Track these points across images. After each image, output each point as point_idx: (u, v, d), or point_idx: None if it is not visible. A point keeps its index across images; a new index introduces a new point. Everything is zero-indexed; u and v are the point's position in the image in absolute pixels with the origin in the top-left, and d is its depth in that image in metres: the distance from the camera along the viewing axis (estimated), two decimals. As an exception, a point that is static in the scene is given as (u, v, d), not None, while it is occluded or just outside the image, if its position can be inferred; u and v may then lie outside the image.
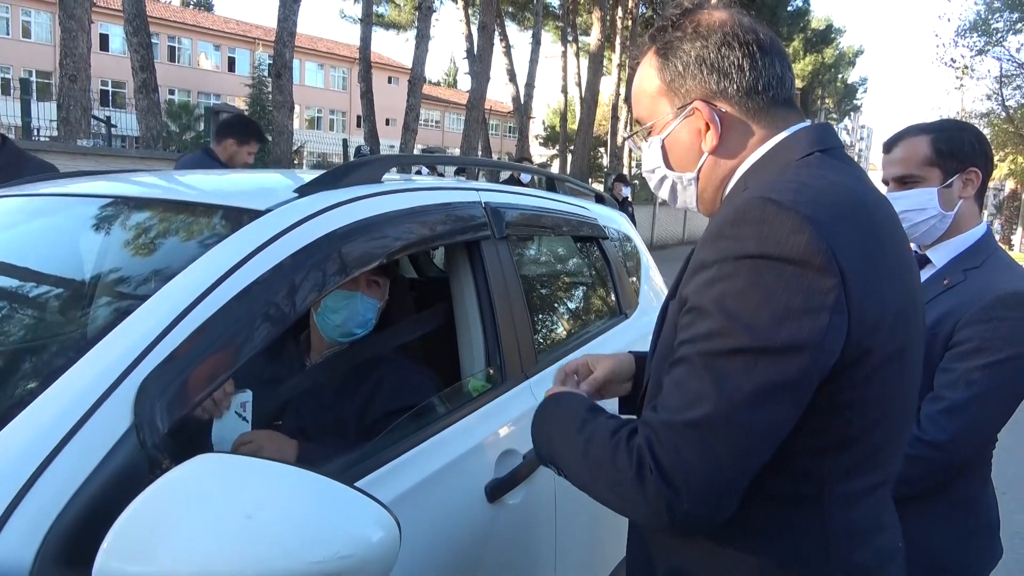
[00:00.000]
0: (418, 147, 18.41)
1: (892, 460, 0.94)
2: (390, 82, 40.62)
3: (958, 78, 24.25)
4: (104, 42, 32.23)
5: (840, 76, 49.58)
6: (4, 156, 2.89)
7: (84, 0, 9.66)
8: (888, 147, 1.58)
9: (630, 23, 24.98)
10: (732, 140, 0.95)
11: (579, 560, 1.83)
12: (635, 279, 2.70)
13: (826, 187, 0.86)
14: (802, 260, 0.78)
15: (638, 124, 1.04)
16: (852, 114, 61.06)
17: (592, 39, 22.77)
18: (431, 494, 1.32)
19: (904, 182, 1.53)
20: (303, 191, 1.36)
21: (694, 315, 0.83)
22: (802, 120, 0.96)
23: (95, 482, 0.86)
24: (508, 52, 23.73)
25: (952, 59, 23.32)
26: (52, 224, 1.57)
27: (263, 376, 1.49)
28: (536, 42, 22.07)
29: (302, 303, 1.19)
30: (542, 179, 2.70)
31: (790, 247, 0.78)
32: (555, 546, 1.68)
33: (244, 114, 6.18)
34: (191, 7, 43.29)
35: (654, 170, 1.03)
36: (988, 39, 22.67)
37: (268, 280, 1.14)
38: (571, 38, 26.99)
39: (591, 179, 25.21)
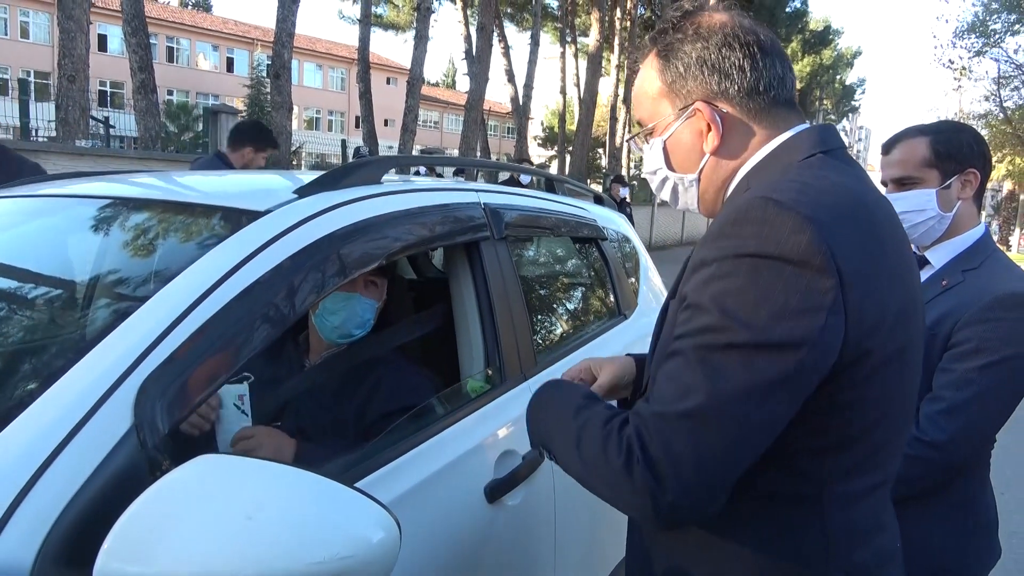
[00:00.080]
0: (417, 148, 18.40)
1: (892, 460, 0.94)
2: (389, 83, 40.64)
3: (956, 79, 24.30)
4: (102, 42, 32.23)
5: (838, 77, 49.62)
6: None
7: (83, 1, 9.66)
8: (886, 149, 1.59)
9: (628, 24, 25.01)
10: (734, 141, 0.95)
11: (578, 560, 1.83)
12: (634, 280, 2.70)
13: (828, 188, 0.86)
14: (801, 260, 0.78)
15: (639, 126, 1.04)
16: (850, 115, 61.05)
17: (591, 40, 22.80)
18: (431, 495, 1.32)
19: (903, 183, 1.53)
20: (303, 192, 1.36)
21: (692, 311, 0.83)
22: (803, 121, 0.97)
23: (95, 483, 0.86)
24: (507, 53, 23.76)
25: (950, 60, 23.36)
26: (52, 225, 1.57)
27: (262, 377, 1.49)
28: (535, 43, 22.09)
29: (302, 304, 1.19)
30: (541, 180, 2.70)
31: (790, 247, 0.79)
32: (554, 546, 1.68)
33: (258, 120, 6.22)
34: (189, 7, 43.28)
35: (656, 171, 1.03)
36: (986, 40, 22.68)
37: (268, 281, 1.14)
38: (570, 39, 27.02)
39: (590, 180, 25.23)
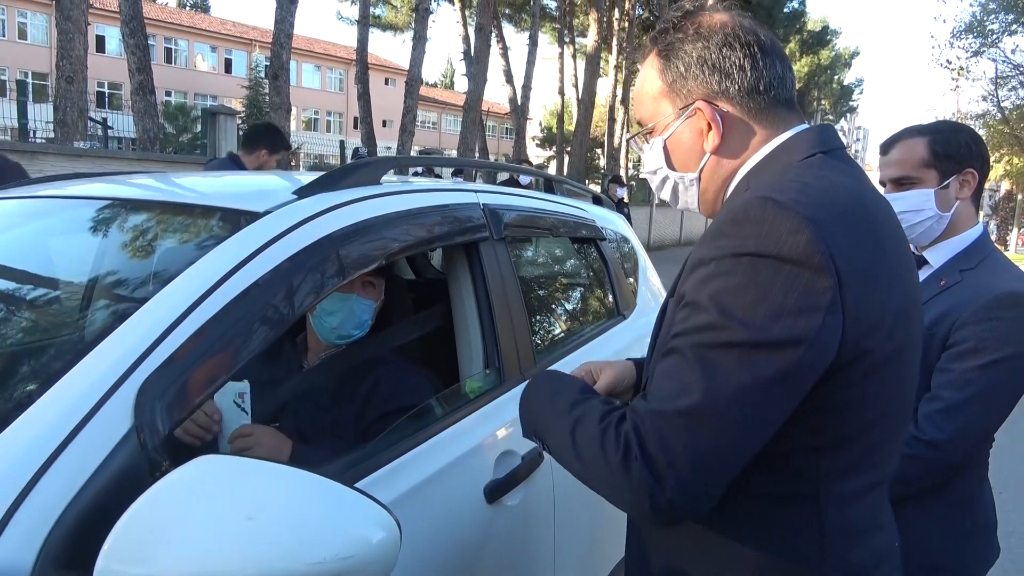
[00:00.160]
0: (415, 149, 18.40)
1: (889, 460, 0.94)
2: (387, 84, 40.64)
3: (954, 79, 24.28)
4: (100, 44, 32.21)
5: (836, 77, 49.70)
6: None
7: (81, 2, 9.65)
8: (885, 149, 1.59)
9: (627, 25, 25.01)
10: (734, 140, 0.96)
11: (578, 560, 1.83)
12: (633, 280, 2.70)
13: (828, 188, 0.86)
14: (800, 260, 0.78)
15: (640, 125, 1.05)
16: (848, 115, 61.19)
17: (589, 41, 22.80)
18: (430, 495, 1.32)
19: (901, 183, 1.54)
20: (302, 193, 1.36)
21: (690, 309, 0.84)
22: (802, 122, 0.97)
23: (96, 484, 0.86)
24: (505, 54, 23.75)
25: (948, 60, 23.34)
26: (52, 226, 1.57)
27: (261, 378, 1.49)
28: (533, 44, 22.08)
29: (301, 305, 1.19)
30: (540, 180, 2.71)
31: (789, 246, 0.79)
32: (554, 546, 1.68)
33: (270, 122, 6.23)
34: (188, 8, 43.26)
35: (656, 171, 1.03)
36: (983, 40, 22.69)
37: (267, 282, 1.14)
38: (568, 40, 27.00)
39: (588, 180, 25.24)
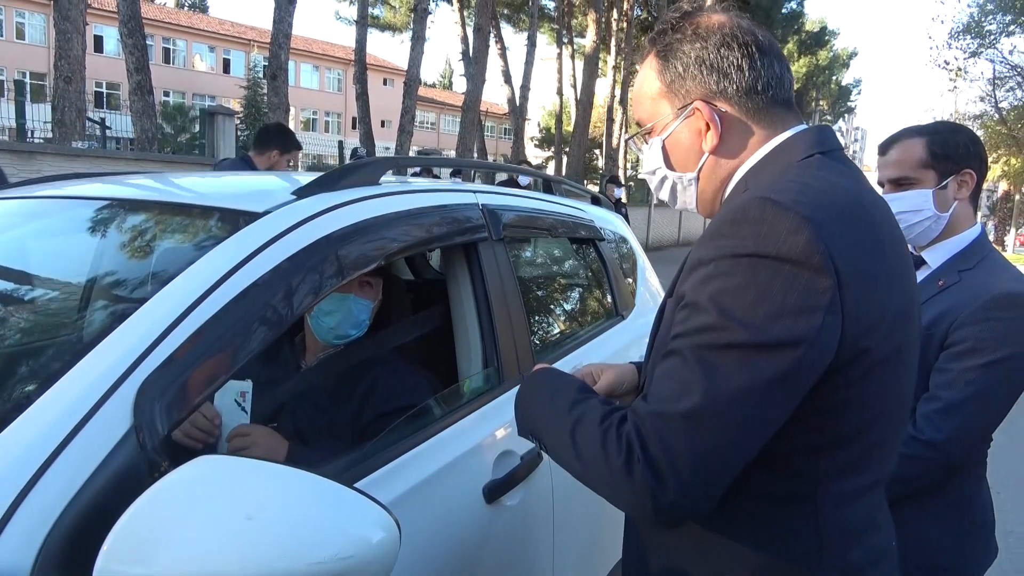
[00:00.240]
0: (414, 149, 18.39)
1: (887, 460, 0.95)
2: (385, 84, 40.63)
3: (951, 80, 24.32)
4: (98, 44, 32.17)
5: (834, 78, 49.75)
6: None
7: (79, 2, 9.64)
8: (883, 149, 1.59)
9: (625, 25, 25.02)
10: (732, 140, 0.96)
11: (577, 561, 1.83)
12: (631, 280, 2.71)
13: (826, 188, 0.86)
14: (799, 260, 0.79)
15: (639, 126, 1.05)
16: (846, 116, 61.28)
17: (587, 41, 22.83)
18: (429, 495, 1.33)
19: (899, 184, 1.54)
20: (301, 193, 1.36)
21: (689, 310, 0.84)
22: (800, 122, 0.97)
23: (95, 484, 0.86)
24: (503, 54, 23.76)
25: (945, 61, 23.37)
26: (51, 227, 1.57)
27: (259, 378, 1.49)
28: (531, 44, 22.09)
29: (300, 305, 1.19)
30: (539, 181, 2.71)
31: (788, 247, 0.79)
32: (553, 547, 1.68)
33: (282, 124, 6.24)
34: (186, 9, 43.22)
35: (655, 171, 1.04)
36: (981, 41, 22.72)
37: (267, 282, 1.14)
38: (566, 40, 27.01)
39: (587, 181, 25.25)
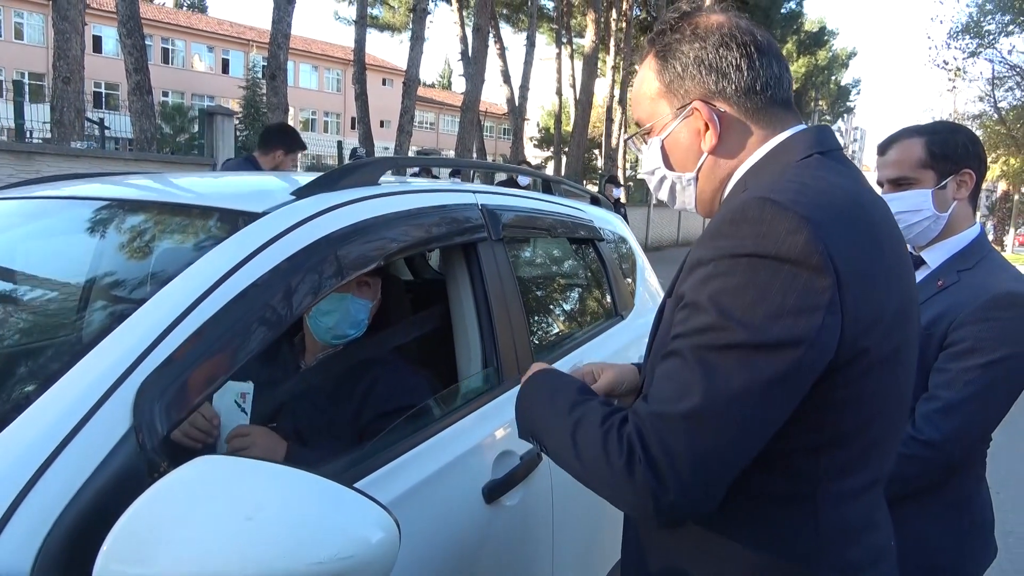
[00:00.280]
0: (413, 149, 18.39)
1: (886, 459, 0.95)
2: (385, 84, 40.63)
3: (950, 80, 24.36)
4: (97, 44, 32.16)
5: (833, 78, 49.75)
6: None
7: (77, 2, 9.64)
8: (882, 149, 1.59)
9: (624, 25, 25.02)
10: (731, 140, 0.96)
11: (576, 561, 1.83)
12: (631, 280, 2.71)
13: (825, 188, 0.86)
14: (798, 260, 0.79)
15: (638, 126, 1.05)
16: (845, 116, 61.28)
17: (586, 41, 22.82)
18: (429, 495, 1.33)
19: (899, 184, 1.54)
20: (300, 193, 1.36)
21: (689, 311, 0.84)
22: (799, 122, 0.97)
23: (95, 484, 0.86)
24: (503, 54, 23.75)
25: (944, 61, 23.37)
26: (50, 227, 1.57)
27: (258, 378, 1.49)
28: (531, 44, 22.10)
29: (299, 305, 1.19)
30: (538, 181, 2.71)
31: (787, 247, 0.79)
32: (552, 547, 1.68)
33: (286, 124, 6.27)
34: (185, 9, 43.20)
35: (654, 171, 1.04)
36: (980, 41, 22.72)
37: (266, 283, 1.14)
38: (565, 40, 27.02)
39: (586, 181, 25.25)
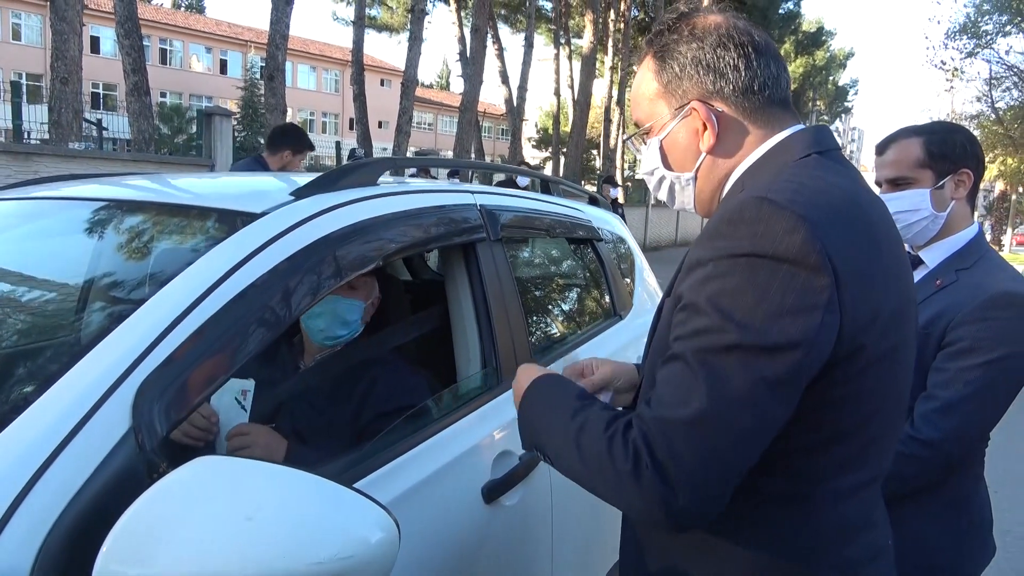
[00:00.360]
0: (411, 149, 18.39)
1: (883, 457, 0.95)
2: (383, 84, 40.62)
3: (948, 80, 24.33)
4: (95, 44, 32.12)
5: (831, 78, 49.78)
6: None
7: (75, 2, 9.63)
8: (880, 149, 1.60)
9: (622, 26, 25.02)
10: (729, 140, 0.96)
11: (575, 561, 1.83)
12: (629, 280, 2.71)
13: (823, 188, 0.87)
14: (796, 259, 0.79)
15: (636, 127, 1.05)
16: (843, 116, 61.34)
17: (584, 42, 22.81)
18: (428, 495, 1.33)
19: (897, 184, 1.55)
20: (299, 194, 1.36)
21: (688, 312, 0.84)
22: (797, 122, 0.98)
23: (94, 485, 0.86)
24: (501, 55, 23.73)
25: (942, 61, 23.37)
26: (48, 228, 1.57)
27: (257, 379, 1.49)
28: (529, 45, 22.11)
29: (298, 306, 1.19)
30: (537, 181, 2.72)
31: (785, 246, 0.79)
32: (551, 547, 1.68)
33: (294, 124, 6.28)
34: (182, 9, 43.18)
35: (653, 171, 1.04)
36: (978, 41, 22.71)
37: (265, 283, 1.14)
38: (564, 41, 27.01)
39: (584, 181, 25.26)
